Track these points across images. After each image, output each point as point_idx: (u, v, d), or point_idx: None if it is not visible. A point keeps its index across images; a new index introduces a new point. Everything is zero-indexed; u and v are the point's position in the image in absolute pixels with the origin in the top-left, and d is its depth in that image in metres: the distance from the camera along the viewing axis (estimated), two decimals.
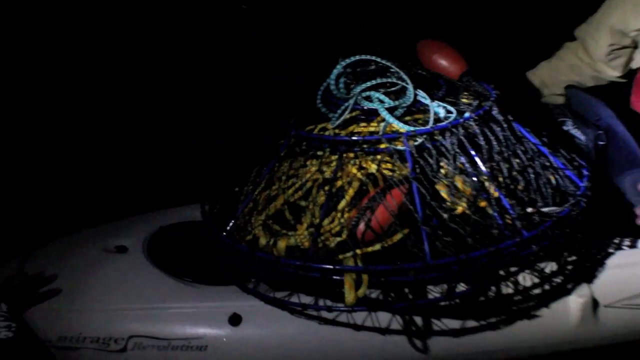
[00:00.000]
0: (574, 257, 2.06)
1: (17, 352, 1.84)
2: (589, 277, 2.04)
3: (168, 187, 2.51)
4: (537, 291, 1.99)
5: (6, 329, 1.83)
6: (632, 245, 2.15)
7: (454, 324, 1.95)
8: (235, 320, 1.99)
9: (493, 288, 1.95)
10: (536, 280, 1.99)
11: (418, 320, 1.95)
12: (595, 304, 2.01)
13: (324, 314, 1.92)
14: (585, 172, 2.04)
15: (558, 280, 2.01)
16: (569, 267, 2.04)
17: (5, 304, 1.91)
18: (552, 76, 2.48)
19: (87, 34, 3.79)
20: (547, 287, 2.00)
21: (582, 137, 2.17)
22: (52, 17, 3.71)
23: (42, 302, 2.05)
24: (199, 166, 2.24)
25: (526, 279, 1.97)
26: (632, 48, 2.36)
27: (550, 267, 2.01)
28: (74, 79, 3.70)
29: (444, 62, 2.14)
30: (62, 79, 3.67)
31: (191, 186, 2.25)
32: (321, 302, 1.89)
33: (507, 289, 1.96)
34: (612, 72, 2.40)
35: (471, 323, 1.96)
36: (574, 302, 2.00)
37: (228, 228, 1.95)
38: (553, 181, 1.99)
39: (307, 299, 1.90)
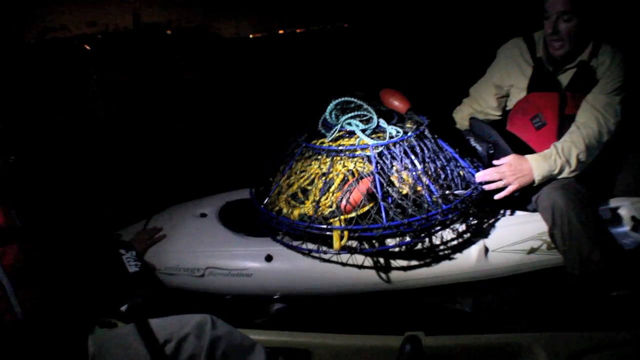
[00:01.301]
0: (474, 221, 1.91)
1: (142, 280, 1.75)
2: (483, 233, 1.89)
3: (233, 178, 2.37)
4: (452, 242, 1.85)
5: (135, 265, 1.76)
6: (511, 214, 1.98)
7: (402, 262, 1.83)
8: (269, 258, 1.87)
9: (426, 240, 1.82)
10: (452, 235, 1.85)
11: (380, 260, 1.83)
12: (486, 249, 1.86)
13: (322, 255, 1.81)
14: (481, 169, 1.88)
15: (465, 235, 1.86)
16: (472, 227, 1.89)
17: (135, 251, 1.83)
18: (460, 122, 2.32)
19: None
20: (459, 239, 1.85)
21: (479, 148, 2.04)
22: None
23: (155, 244, 1.96)
24: (251, 166, 2.09)
25: (446, 234, 1.83)
26: (507, 97, 2.21)
27: (460, 227, 1.86)
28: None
29: (396, 102, 1.99)
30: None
31: (246, 178, 2.10)
32: (321, 248, 1.77)
33: (434, 241, 1.83)
34: (496, 113, 2.25)
35: (412, 262, 1.83)
36: (474, 248, 1.85)
37: (264, 202, 1.85)
38: (462, 174, 1.85)
39: (312, 246, 1.78)
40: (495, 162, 1.89)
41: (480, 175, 1.84)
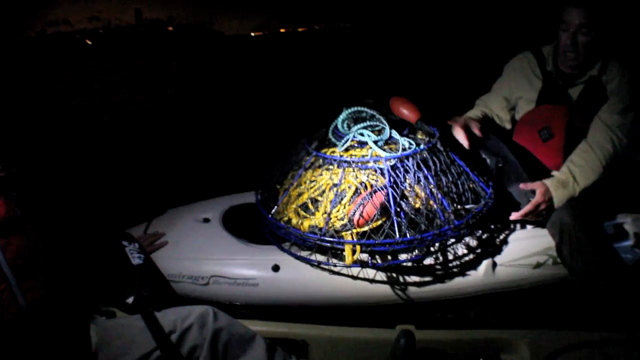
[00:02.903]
0: (484, 236, 1.90)
1: (146, 272, 1.73)
2: (491, 247, 1.89)
3: (238, 180, 2.31)
4: (462, 256, 1.84)
5: (139, 258, 1.74)
6: (518, 228, 1.97)
7: (412, 276, 1.81)
8: (276, 268, 1.83)
9: (438, 254, 1.81)
10: (461, 250, 1.84)
11: (390, 273, 1.81)
12: (494, 264, 1.86)
13: (332, 268, 1.78)
14: (490, 183, 1.87)
15: (474, 250, 1.85)
16: (480, 241, 1.88)
17: (138, 243, 1.80)
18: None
19: None
20: (468, 253, 1.85)
21: (488, 160, 2.01)
22: None
23: (156, 251, 1.91)
24: (255, 168, 2.04)
25: (457, 249, 1.83)
26: (514, 108, 2.19)
27: (470, 241, 1.86)
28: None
29: (406, 112, 1.94)
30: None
31: (250, 180, 2.05)
32: (331, 261, 1.74)
33: (446, 255, 1.82)
34: (506, 126, 2.21)
35: (421, 276, 1.82)
36: (482, 263, 1.85)
37: (272, 211, 1.81)
38: (472, 188, 1.83)
39: (321, 258, 1.76)
40: (522, 186, 1.87)
41: (520, 215, 1.84)
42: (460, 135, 1.90)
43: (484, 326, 1.62)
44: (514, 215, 1.86)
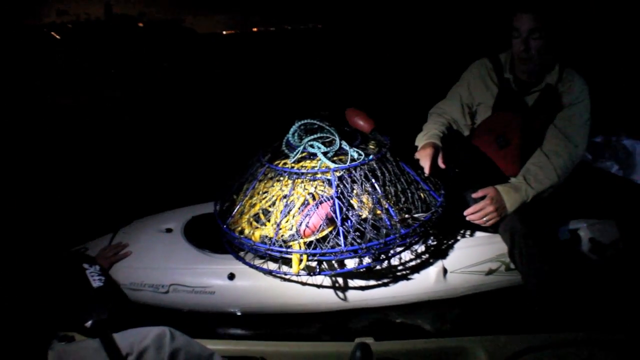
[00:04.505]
0: (434, 242, 1.94)
1: (106, 294, 1.76)
2: (443, 255, 1.93)
3: (199, 192, 2.36)
4: (411, 263, 1.89)
5: (99, 280, 1.77)
6: (470, 235, 2.02)
7: (362, 282, 1.87)
8: (231, 276, 1.90)
9: (385, 262, 1.85)
10: (411, 256, 1.88)
11: (340, 280, 1.87)
12: (445, 271, 1.91)
13: (283, 275, 1.83)
14: (442, 192, 1.90)
15: (424, 256, 1.90)
16: (431, 249, 1.93)
17: (98, 265, 1.85)
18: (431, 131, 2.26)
19: None
20: (417, 261, 1.89)
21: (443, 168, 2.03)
22: None
23: (119, 261, 1.97)
24: (216, 183, 2.09)
25: (405, 256, 1.87)
26: (474, 114, 2.21)
27: (420, 249, 1.90)
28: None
29: (360, 122, 1.99)
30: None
31: (214, 189, 2.09)
32: (281, 269, 1.77)
33: (394, 262, 1.86)
34: (466, 132, 2.22)
35: (371, 282, 1.87)
36: (432, 270, 1.90)
37: (227, 221, 1.85)
38: (423, 197, 1.85)
39: (273, 266, 1.80)
40: (474, 195, 1.91)
41: (469, 217, 1.88)
42: (425, 164, 1.91)
43: (442, 334, 1.66)
44: (465, 212, 1.89)
